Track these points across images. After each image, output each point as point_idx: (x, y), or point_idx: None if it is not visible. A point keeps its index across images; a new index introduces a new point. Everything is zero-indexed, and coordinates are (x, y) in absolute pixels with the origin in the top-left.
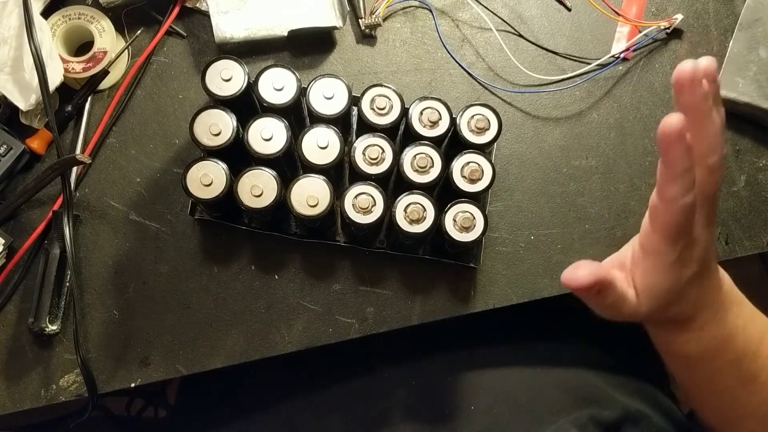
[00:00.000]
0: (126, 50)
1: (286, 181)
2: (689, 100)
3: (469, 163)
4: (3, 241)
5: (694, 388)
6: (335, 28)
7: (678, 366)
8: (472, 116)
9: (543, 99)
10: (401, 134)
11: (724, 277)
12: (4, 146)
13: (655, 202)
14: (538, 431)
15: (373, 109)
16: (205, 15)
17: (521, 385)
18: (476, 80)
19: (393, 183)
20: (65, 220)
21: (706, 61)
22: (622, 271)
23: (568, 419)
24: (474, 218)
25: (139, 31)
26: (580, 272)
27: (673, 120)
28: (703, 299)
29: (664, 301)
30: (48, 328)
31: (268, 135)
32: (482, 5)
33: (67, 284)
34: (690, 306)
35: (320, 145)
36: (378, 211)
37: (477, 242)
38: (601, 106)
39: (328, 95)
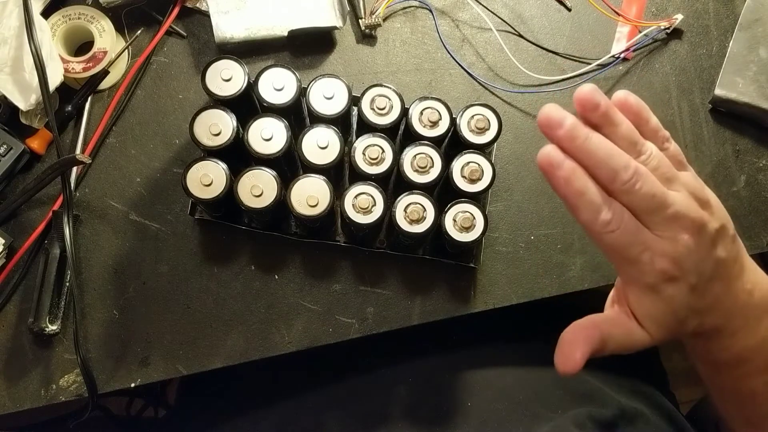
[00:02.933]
0: (126, 50)
1: (286, 181)
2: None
3: (469, 163)
4: (3, 241)
5: (718, 390)
6: (335, 28)
7: (704, 369)
8: (472, 116)
9: (543, 99)
10: (401, 134)
11: (762, 277)
12: (4, 146)
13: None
14: (536, 428)
15: (373, 109)
16: (205, 15)
17: (519, 382)
18: (476, 80)
19: (393, 183)
20: (65, 220)
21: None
22: (621, 305)
23: (566, 417)
24: (474, 218)
25: (139, 31)
26: (577, 356)
27: (547, 150)
28: (732, 307)
29: (670, 324)
30: (48, 328)
31: (268, 135)
32: (482, 5)
33: (67, 284)
34: (718, 317)
35: (320, 145)
36: (378, 211)
37: (477, 242)
38: None
39: (328, 95)
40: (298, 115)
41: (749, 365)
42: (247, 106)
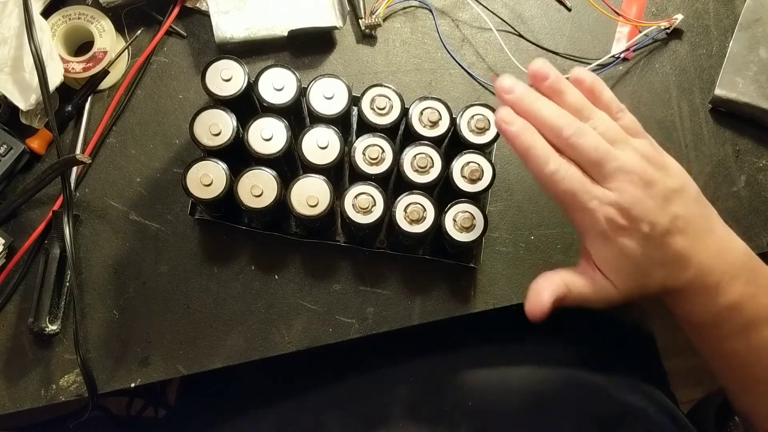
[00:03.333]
0: (126, 50)
1: (286, 181)
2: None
3: (469, 163)
4: (3, 241)
5: (704, 350)
6: (335, 28)
7: (690, 333)
8: (472, 116)
9: None
10: (401, 134)
11: (737, 243)
12: (4, 146)
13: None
14: (537, 428)
15: (373, 109)
16: (205, 15)
17: (520, 382)
18: (476, 80)
19: (393, 183)
20: (65, 220)
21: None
22: (586, 259)
23: (568, 416)
24: (474, 218)
25: (139, 31)
26: (543, 300)
27: (501, 110)
28: (703, 264)
29: (633, 274)
30: (48, 328)
31: (268, 135)
32: (482, 5)
33: (67, 284)
34: (687, 271)
35: (320, 145)
36: (378, 211)
37: (477, 242)
38: None
39: (328, 95)
40: (298, 115)
41: (727, 325)
42: (247, 106)
